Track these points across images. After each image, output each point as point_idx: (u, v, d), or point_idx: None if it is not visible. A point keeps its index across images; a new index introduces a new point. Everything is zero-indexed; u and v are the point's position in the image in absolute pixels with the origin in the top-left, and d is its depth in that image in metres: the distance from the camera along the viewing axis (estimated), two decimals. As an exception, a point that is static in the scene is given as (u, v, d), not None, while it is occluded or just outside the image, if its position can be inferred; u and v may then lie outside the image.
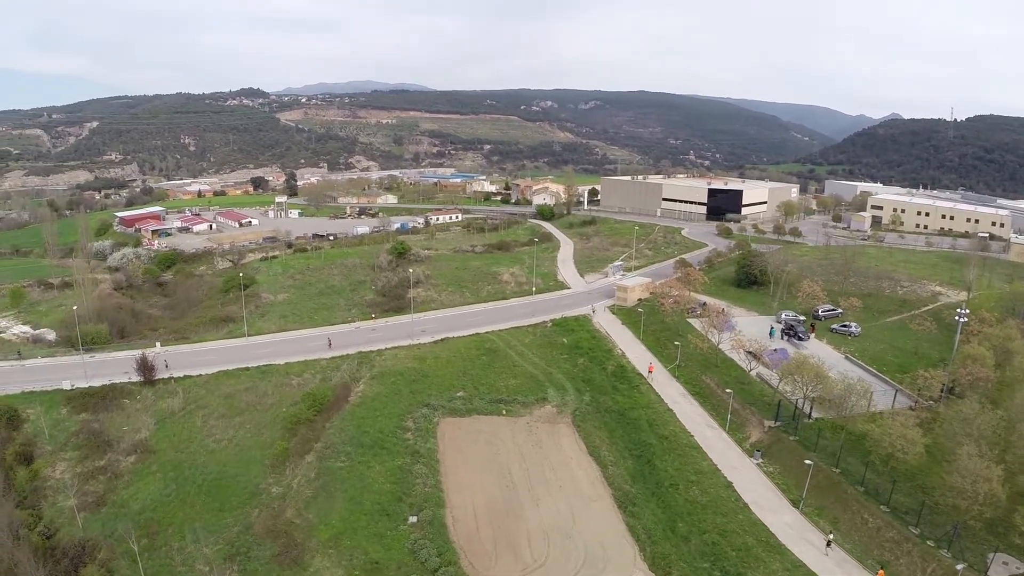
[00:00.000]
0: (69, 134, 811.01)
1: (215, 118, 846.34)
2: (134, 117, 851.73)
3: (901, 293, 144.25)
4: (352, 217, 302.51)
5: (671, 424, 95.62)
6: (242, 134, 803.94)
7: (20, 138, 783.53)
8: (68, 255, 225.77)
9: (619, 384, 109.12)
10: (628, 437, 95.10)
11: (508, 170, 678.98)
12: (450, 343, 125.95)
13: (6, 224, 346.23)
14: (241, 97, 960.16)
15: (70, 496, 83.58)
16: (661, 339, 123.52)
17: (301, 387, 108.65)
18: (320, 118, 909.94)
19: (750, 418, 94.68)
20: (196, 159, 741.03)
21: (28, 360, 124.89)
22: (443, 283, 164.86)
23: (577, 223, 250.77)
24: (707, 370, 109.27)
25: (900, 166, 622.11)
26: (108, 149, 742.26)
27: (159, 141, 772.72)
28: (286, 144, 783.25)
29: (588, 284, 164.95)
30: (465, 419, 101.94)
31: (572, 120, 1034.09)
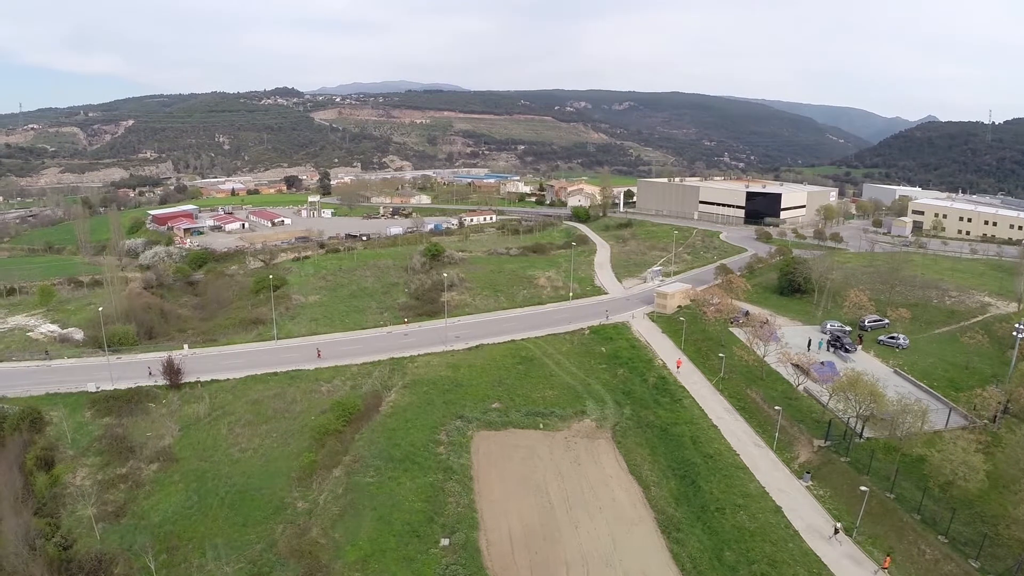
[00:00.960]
0: (105, 132, 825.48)
1: (250, 117, 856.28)
2: (169, 116, 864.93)
3: (949, 303, 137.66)
4: (385, 217, 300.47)
5: (716, 442, 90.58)
6: (276, 133, 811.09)
7: (56, 136, 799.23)
8: (100, 252, 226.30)
9: (661, 397, 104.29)
10: (671, 455, 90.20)
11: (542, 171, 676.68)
12: (485, 350, 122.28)
13: (40, 221, 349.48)
14: (276, 96, 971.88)
15: (89, 505, 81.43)
16: (702, 349, 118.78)
17: (330, 394, 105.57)
18: (354, 118, 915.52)
19: (798, 436, 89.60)
20: (230, 157, 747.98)
21: (55, 360, 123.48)
22: (477, 287, 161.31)
23: (613, 226, 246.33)
24: (752, 383, 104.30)
25: (937, 169, 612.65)
26: (143, 147, 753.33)
27: (194, 139, 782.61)
28: (320, 143, 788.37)
29: (626, 289, 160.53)
30: (500, 433, 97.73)
31: (606, 121, 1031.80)
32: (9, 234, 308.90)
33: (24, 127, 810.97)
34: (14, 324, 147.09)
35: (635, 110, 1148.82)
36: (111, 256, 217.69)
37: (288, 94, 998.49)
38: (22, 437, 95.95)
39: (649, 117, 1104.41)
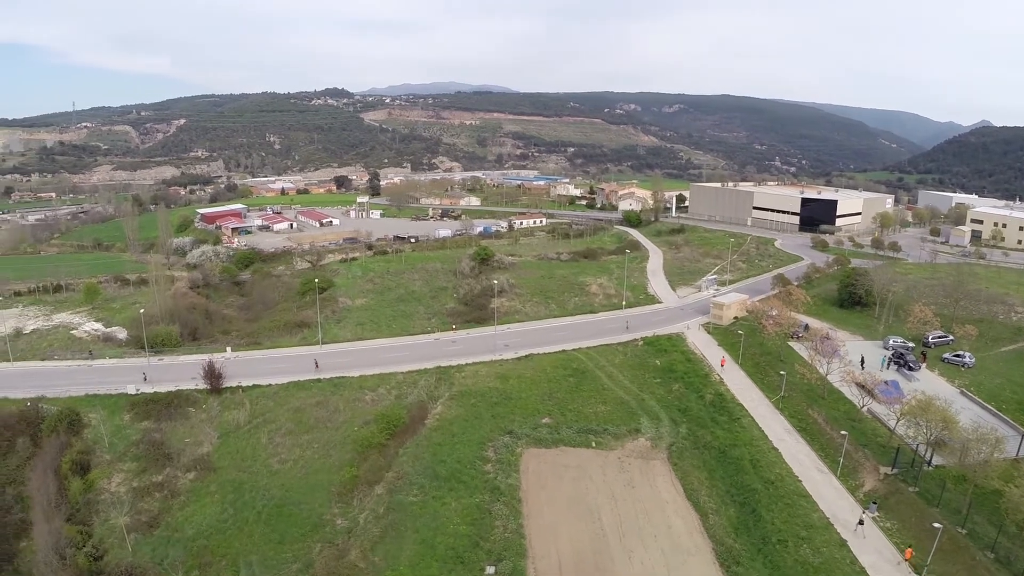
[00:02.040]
0: (157, 131, 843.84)
1: (300, 117, 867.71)
2: (221, 115, 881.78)
3: (1016, 319, 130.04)
4: (434, 219, 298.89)
5: (777, 466, 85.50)
6: (327, 133, 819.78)
7: (109, 134, 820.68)
8: (148, 250, 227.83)
9: (718, 416, 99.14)
10: (730, 479, 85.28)
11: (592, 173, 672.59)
12: (535, 360, 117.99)
13: (91, 217, 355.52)
14: (326, 97, 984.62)
15: (123, 514, 79.61)
16: (761, 364, 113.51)
17: (375, 404, 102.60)
18: (404, 118, 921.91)
19: (863, 462, 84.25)
20: (281, 157, 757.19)
21: (96, 360, 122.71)
22: (527, 293, 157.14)
23: (665, 231, 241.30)
24: (814, 403, 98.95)
25: (992, 176, 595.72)
26: (194, 146, 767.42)
27: (245, 139, 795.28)
28: (370, 144, 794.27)
29: (680, 298, 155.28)
30: (551, 451, 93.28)
31: (656, 123, 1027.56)
32: (60, 230, 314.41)
33: (77, 125, 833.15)
34: (59, 321, 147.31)
35: (685, 113, 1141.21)
36: (158, 254, 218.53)
37: (338, 95, 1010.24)
38: (59, 439, 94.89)
39: (699, 120, 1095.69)
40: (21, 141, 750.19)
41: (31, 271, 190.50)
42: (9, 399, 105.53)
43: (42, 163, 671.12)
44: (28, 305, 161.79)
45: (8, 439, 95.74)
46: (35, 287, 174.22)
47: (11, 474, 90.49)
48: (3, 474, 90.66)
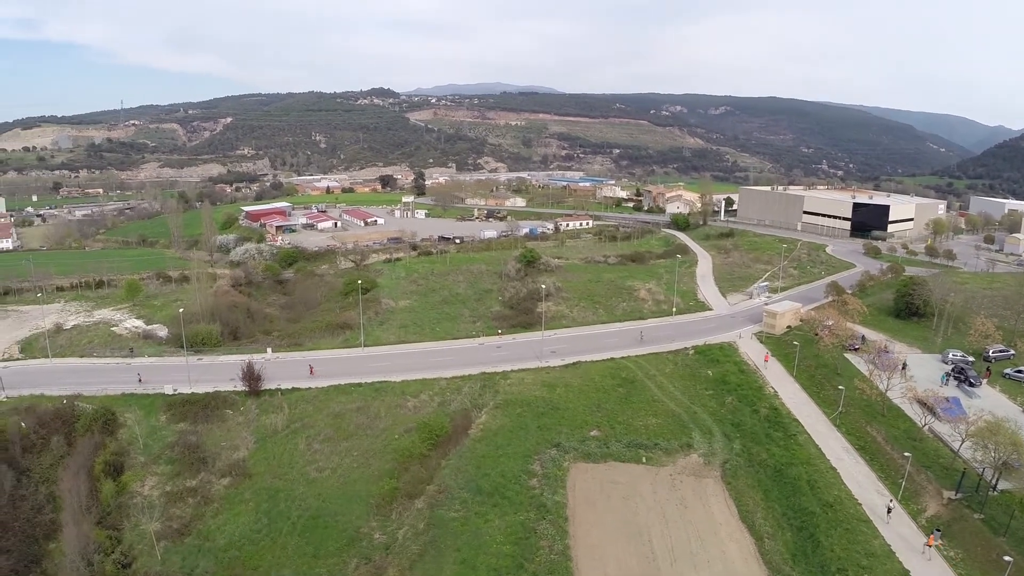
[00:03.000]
0: (204, 129, 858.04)
1: (346, 116, 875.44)
2: (267, 114, 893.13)
3: None
4: (480, 220, 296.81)
5: (835, 487, 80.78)
6: (372, 132, 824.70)
7: (157, 132, 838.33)
8: (192, 247, 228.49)
9: (773, 432, 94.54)
10: (786, 501, 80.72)
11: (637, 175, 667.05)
12: (582, 368, 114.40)
13: (137, 214, 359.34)
14: (372, 96, 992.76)
15: (154, 520, 77.75)
16: (816, 377, 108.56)
17: (416, 410, 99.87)
18: (449, 118, 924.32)
19: (926, 486, 79.38)
20: (326, 156, 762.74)
21: (135, 359, 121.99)
22: (574, 297, 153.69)
23: (714, 235, 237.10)
24: (872, 420, 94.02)
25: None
26: (241, 144, 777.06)
27: (291, 137, 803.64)
28: (415, 143, 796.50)
29: (731, 306, 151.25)
30: (600, 466, 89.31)
31: (702, 125, 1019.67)
32: (106, 226, 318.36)
33: (126, 123, 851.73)
34: (100, 318, 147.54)
35: (731, 115, 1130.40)
36: (202, 251, 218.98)
37: (384, 94, 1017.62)
38: (94, 439, 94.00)
39: (746, 122, 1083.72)
40: (70, 138, 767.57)
41: (75, 266, 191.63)
42: (46, 396, 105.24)
43: (90, 160, 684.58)
44: (70, 301, 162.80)
45: (43, 437, 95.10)
46: (78, 282, 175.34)
47: (44, 473, 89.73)
48: (37, 473, 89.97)
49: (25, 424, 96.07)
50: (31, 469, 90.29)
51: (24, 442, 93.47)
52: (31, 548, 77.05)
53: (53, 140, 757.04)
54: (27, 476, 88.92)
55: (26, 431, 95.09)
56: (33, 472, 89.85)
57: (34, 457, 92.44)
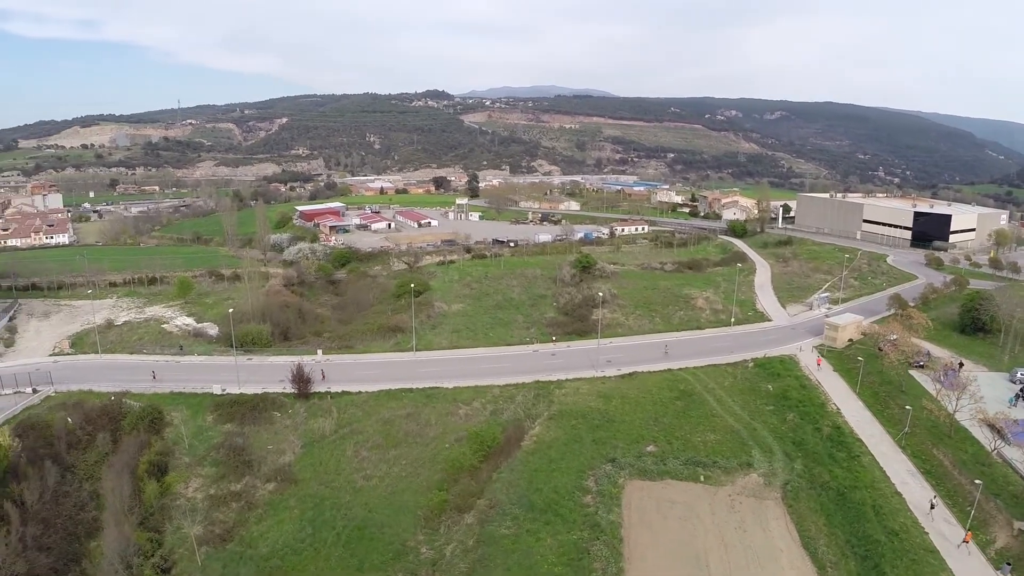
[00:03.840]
0: (259, 128, 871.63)
1: (400, 118, 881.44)
2: (322, 115, 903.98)
3: None
4: (534, 223, 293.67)
5: (901, 514, 76.40)
6: (426, 134, 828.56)
7: (213, 131, 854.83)
8: (246, 246, 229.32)
9: (836, 452, 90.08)
10: (850, 527, 76.47)
11: (691, 180, 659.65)
12: (639, 379, 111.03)
13: (192, 211, 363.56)
14: (426, 99, 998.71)
15: (196, 523, 76.68)
16: (880, 395, 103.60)
17: (468, 419, 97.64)
18: (503, 121, 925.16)
19: (995, 515, 74.66)
20: (380, 157, 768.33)
21: (184, 357, 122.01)
22: (630, 304, 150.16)
23: (772, 243, 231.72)
24: (939, 442, 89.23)
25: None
26: (296, 144, 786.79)
27: (345, 138, 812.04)
28: (469, 146, 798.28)
29: (791, 317, 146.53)
30: (656, 483, 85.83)
31: (757, 130, 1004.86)
32: (161, 223, 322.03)
33: (182, 122, 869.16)
34: (151, 315, 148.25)
35: (787, 120, 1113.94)
36: (254, 250, 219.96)
37: (438, 96, 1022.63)
38: (139, 437, 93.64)
39: (801, 128, 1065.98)
40: (127, 136, 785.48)
41: (128, 262, 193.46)
42: (94, 392, 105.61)
43: (147, 157, 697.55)
44: (122, 297, 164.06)
45: (89, 433, 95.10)
46: (131, 279, 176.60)
47: (89, 470, 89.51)
48: (81, 470, 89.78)
49: (72, 420, 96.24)
50: (76, 466, 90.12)
51: (70, 438, 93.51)
52: (72, 546, 76.36)
53: (111, 138, 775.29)
54: (71, 472, 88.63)
55: (72, 427, 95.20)
56: (78, 469, 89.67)
57: (79, 454, 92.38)
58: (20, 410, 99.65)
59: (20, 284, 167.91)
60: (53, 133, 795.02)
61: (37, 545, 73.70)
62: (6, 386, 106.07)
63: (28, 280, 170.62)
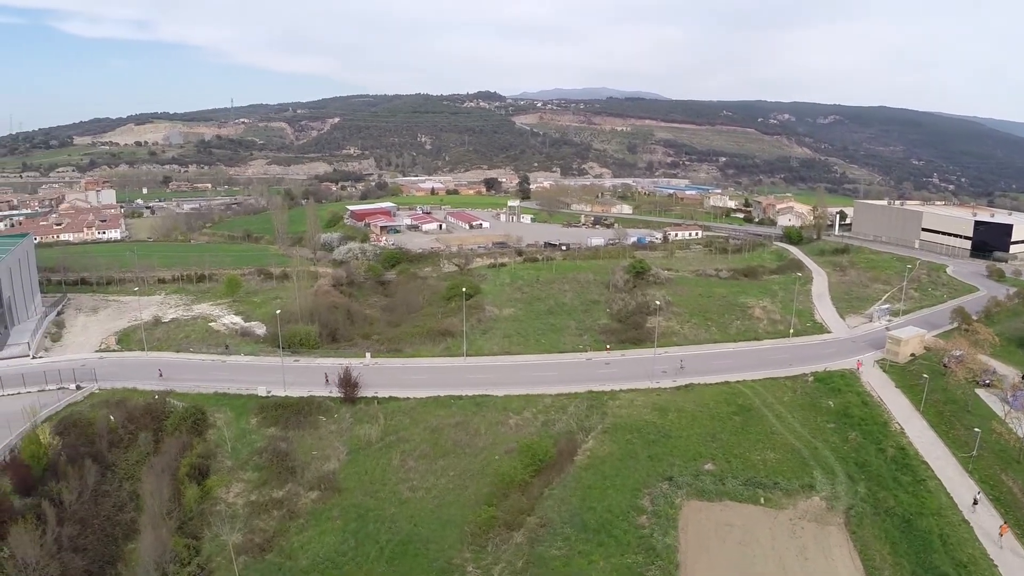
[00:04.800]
0: (311, 128, 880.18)
1: (452, 119, 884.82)
2: (374, 115, 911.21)
3: None
4: (586, 226, 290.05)
5: (969, 544, 71.88)
6: (477, 135, 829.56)
7: (265, 130, 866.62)
8: (296, 244, 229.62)
9: (901, 475, 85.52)
10: (916, 557, 71.87)
11: (744, 185, 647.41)
12: (696, 392, 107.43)
13: (243, 209, 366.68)
14: (478, 100, 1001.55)
15: (235, 531, 74.63)
16: (945, 414, 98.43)
17: (518, 429, 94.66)
18: (555, 123, 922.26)
19: None
20: (431, 157, 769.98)
21: (230, 357, 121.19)
22: (686, 312, 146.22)
23: (828, 250, 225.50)
24: (1007, 467, 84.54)
25: None
26: (347, 144, 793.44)
27: (396, 138, 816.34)
28: (520, 147, 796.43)
29: (850, 328, 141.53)
30: (714, 505, 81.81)
31: (810, 135, 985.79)
32: (212, 220, 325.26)
33: (235, 121, 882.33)
34: (198, 312, 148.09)
35: (840, 124, 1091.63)
36: (304, 248, 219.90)
37: (490, 98, 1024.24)
38: (181, 439, 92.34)
39: (855, 132, 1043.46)
40: (181, 134, 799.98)
41: (178, 259, 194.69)
42: (138, 390, 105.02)
43: (199, 155, 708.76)
44: (171, 293, 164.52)
45: (131, 432, 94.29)
46: (179, 275, 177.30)
47: (130, 470, 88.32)
48: (122, 469, 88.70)
49: (114, 418, 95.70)
50: (117, 465, 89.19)
51: (111, 436, 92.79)
52: (108, 548, 74.94)
53: (164, 136, 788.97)
54: (112, 472, 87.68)
55: (114, 425, 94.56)
56: (118, 468, 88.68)
57: (120, 453, 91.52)
58: (63, 407, 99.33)
59: (70, 279, 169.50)
60: (108, 130, 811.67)
61: (73, 546, 72.36)
62: (50, 382, 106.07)
63: (78, 275, 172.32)
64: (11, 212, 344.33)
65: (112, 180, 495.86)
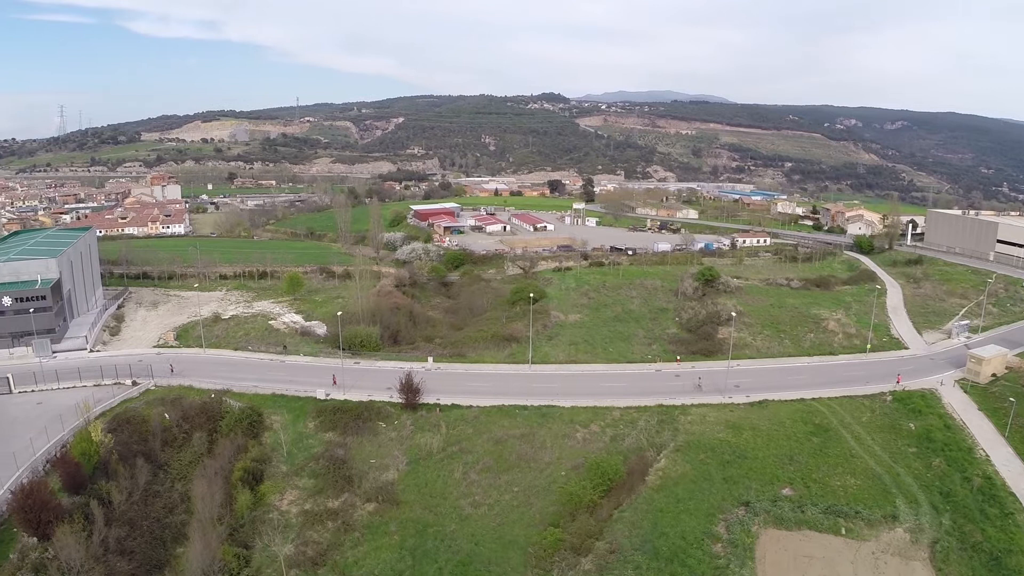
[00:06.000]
0: (376, 127, 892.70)
1: (516, 120, 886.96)
2: (438, 115, 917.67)
3: None
4: (652, 231, 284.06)
5: None
6: (541, 137, 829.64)
7: (330, 129, 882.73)
8: (359, 242, 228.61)
9: (988, 507, 79.12)
10: None
11: (809, 191, 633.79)
12: (770, 409, 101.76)
13: (307, 206, 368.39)
14: (542, 101, 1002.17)
15: (288, 541, 71.56)
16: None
17: (586, 443, 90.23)
18: (619, 125, 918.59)
19: None
20: (495, 158, 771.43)
21: (289, 357, 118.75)
22: (757, 324, 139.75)
23: (901, 261, 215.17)
24: None
25: None
26: (411, 143, 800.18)
27: (460, 139, 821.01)
28: (584, 149, 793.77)
29: (928, 345, 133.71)
30: (793, 534, 76.42)
31: (877, 141, 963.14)
32: (276, 217, 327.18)
33: (300, 119, 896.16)
34: (259, 310, 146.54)
35: (907, 130, 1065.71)
36: (367, 247, 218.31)
37: (554, 99, 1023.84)
38: (236, 441, 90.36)
39: (923, 139, 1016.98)
40: (247, 131, 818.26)
41: (240, 255, 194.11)
42: (194, 388, 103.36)
43: (265, 153, 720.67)
44: (232, 289, 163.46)
45: (186, 431, 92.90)
46: (241, 272, 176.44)
47: (183, 470, 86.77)
48: (175, 469, 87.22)
49: (169, 416, 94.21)
50: (169, 464, 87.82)
51: (165, 435, 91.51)
52: (156, 551, 72.99)
53: (231, 133, 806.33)
54: (164, 471, 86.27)
55: (169, 423, 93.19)
56: (171, 468, 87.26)
57: (174, 452, 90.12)
58: (118, 403, 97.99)
59: (132, 272, 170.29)
60: (175, 127, 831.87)
61: (120, 548, 70.50)
62: (106, 376, 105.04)
63: (140, 269, 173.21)
64: (77, 205, 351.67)
65: (178, 176, 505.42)
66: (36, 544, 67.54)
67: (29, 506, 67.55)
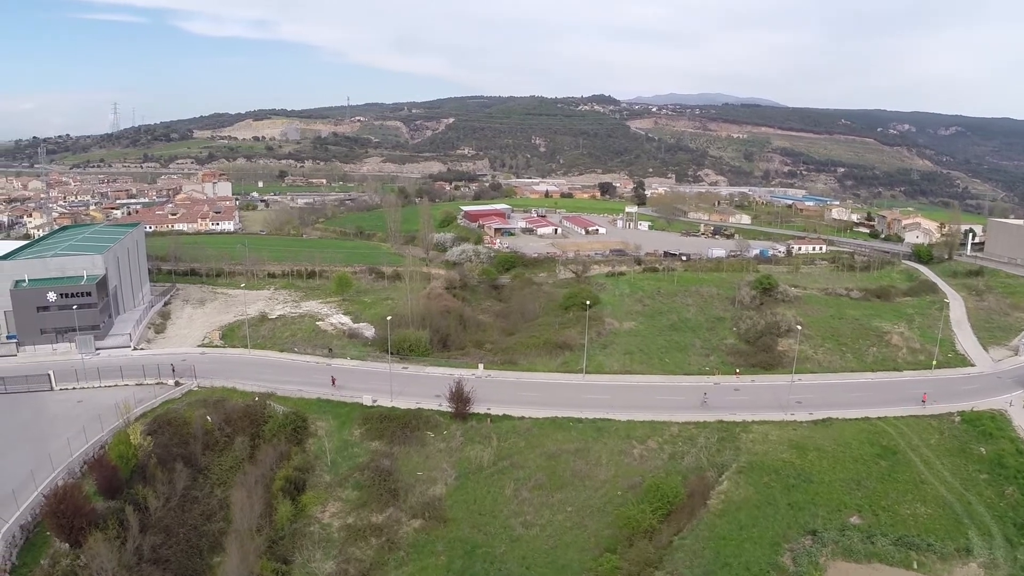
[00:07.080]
0: (426, 128, 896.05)
1: (566, 122, 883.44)
2: (488, 116, 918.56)
3: None
4: (706, 236, 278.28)
5: None
6: (592, 139, 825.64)
7: (380, 128, 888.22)
8: (408, 243, 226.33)
9: None
10: None
11: (862, 197, 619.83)
12: (835, 428, 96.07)
13: (356, 205, 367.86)
14: (593, 103, 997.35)
15: (329, 558, 68.29)
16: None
17: (643, 461, 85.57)
18: (670, 128, 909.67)
19: None
20: (545, 160, 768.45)
21: (335, 360, 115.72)
22: (818, 336, 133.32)
23: (961, 272, 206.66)
24: None
25: None
26: (461, 144, 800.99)
27: (510, 140, 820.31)
28: (635, 152, 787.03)
29: (994, 362, 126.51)
30: (863, 568, 70.67)
31: (931, 146, 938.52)
32: (325, 215, 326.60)
33: (351, 119, 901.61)
34: (307, 310, 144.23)
35: (962, 136, 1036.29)
36: (417, 247, 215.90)
37: (604, 101, 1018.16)
38: (279, 447, 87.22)
39: (977, 145, 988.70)
40: (298, 130, 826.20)
41: (289, 253, 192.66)
42: (238, 390, 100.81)
43: (315, 151, 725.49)
44: (280, 288, 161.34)
45: (227, 435, 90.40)
46: (289, 271, 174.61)
47: (223, 476, 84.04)
48: (215, 474, 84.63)
49: (211, 419, 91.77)
50: (209, 469, 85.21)
51: (207, 438, 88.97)
52: (192, 561, 69.92)
53: (282, 131, 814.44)
54: (204, 476, 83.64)
55: (211, 426, 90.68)
56: (211, 473, 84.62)
57: (215, 456, 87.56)
58: (159, 403, 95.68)
59: (180, 269, 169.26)
60: (227, 125, 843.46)
61: (154, 557, 67.60)
62: (148, 376, 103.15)
63: (188, 265, 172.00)
64: (129, 200, 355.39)
65: (229, 173, 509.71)
66: (68, 551, 65.05)
67: (61, 511, 64.93)
